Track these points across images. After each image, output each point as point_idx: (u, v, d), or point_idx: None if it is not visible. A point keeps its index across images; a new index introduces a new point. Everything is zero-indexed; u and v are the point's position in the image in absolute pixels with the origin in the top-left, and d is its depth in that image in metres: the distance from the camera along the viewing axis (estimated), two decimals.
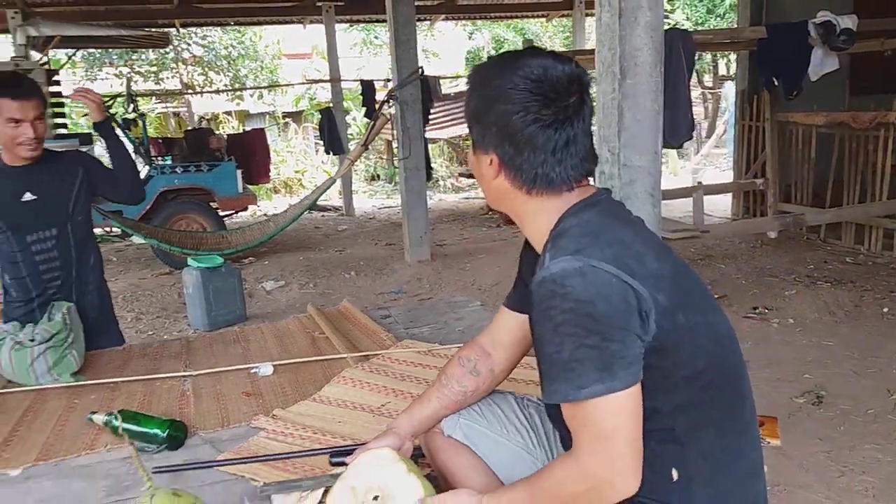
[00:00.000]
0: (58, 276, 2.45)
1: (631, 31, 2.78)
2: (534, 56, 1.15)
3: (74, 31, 7.31)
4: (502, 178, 1.18)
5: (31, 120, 2.27)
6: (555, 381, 1.06)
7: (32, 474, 1.63)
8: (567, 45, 15.93)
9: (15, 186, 2.36)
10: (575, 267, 1.03)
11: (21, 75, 2.53)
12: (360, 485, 1.25)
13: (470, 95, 1.20)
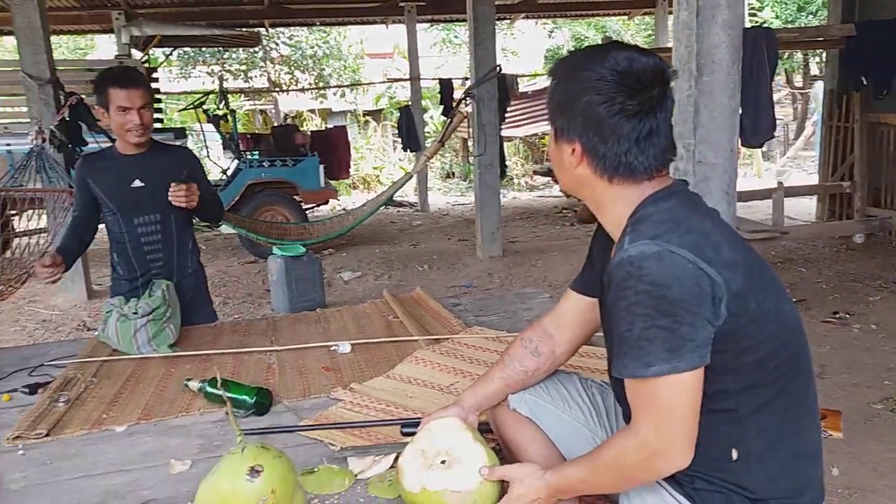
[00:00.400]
0: (160, 257, 2.66)
1: (708, 29, 2.78)
2: (618, 49, 1.18)
3: (173, 30, 7.73)
4: (585, 167, 1.21)
5: (137, 108, 2.48)
6: (624, 357, 1.12)
7: (135, 431, 1.80)
8: (649, 44, 15.62)
9: (126, 173, 2.57)
10: (653, 251, 1.07)
11: (129, 67, 2.74)
12: (428, 448, 1.35)
13: (554, 87, 1.23)
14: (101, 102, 2.52)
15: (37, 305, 6.26)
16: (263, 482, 1.19)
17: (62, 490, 1.51)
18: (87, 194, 2.62)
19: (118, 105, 2.47)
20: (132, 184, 2.57)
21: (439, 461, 1.32)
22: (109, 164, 2.61)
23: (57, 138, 5.29)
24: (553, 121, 1.25)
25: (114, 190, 2.58)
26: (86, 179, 2.60)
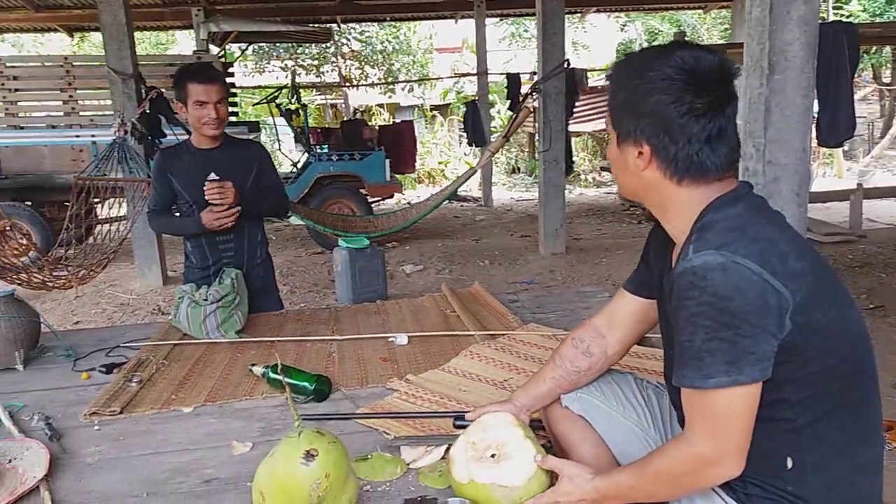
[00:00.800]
0: (231, 247, 2.77)
1: (782, 26, 2.70)
2: (682, 48, 1.16)
3: (249, 27, 7.97)
4: (653, 169, 1.18)
5: (213, 102, 2.59)
6: (684, 367, 1.11)
7: (201, 412, 1.89)
8: (725, 39, 15.16)
9: (202, 167, 2.67)
10: (718, 261, 1.05)
11: (206, 63, 2.86)
12: (479, 441, 1.37)
13: (616, 89, 1.21)
14: (179, 97, 2.64)
15: (116, 289, 6.57)
16: (318, 466, 1.24)
17: (132, 465, 1.61)
18: (167, 186, 2.73)
19: (196, 99, 2.58)
20: (208, 177, 2.66)
21: (489, 454, 1.35)
22: (186, 158, 2.73)
23: (138, 130, 5.54)
24: (616, 124, 1.23)
25: (191, 183, 2.69)
26: (166, 172, 2.72)
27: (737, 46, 6.18)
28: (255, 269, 2.85)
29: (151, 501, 1.44)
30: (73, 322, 5.52)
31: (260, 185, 2.81)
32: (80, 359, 2.33)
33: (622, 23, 17.70)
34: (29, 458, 1.59)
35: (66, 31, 11.11)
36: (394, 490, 1.45)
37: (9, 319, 2.20)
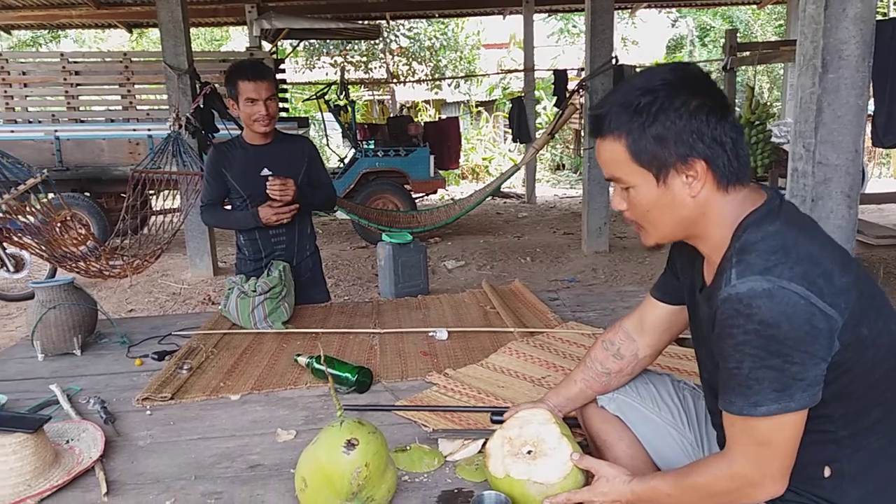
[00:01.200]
0: (283, 240, 2.84)
1: (837, 24, 2.65)
2: (655, 69, 1.17)
3: (300, 23, 8.09)
4: (709, 184, 1.14)
5: (263, 99, 2.65)
6: (731, 393, 1.09)
7: (248, 400, 1.96)
8: (780, 35, 14.78)
9: (255, 162, 2.75)
10: (763, 287, 1.02)
11: (257, 60, 2.91)
12: (516, 437, 1.39)
13: (640, 129, 1.13)
14: (230, 94, 2.71)
15: (168, 279, 6.78)
16: (358, 455, 1.28)
17: (182, 449, 1.67)
18: (221, 181, 2.80)
19: (247, 97, 2.65)
20: (261, 172, 2.74)
21: (525, 450, 1.37)
22: (239, 154, 2.79)
23: (192, 125, 5.69)
24: (647, 165, 1.14)
25: (244, 178, 2.76)
26: (220, 168, 2.78)
27: (790, 43, 6.05)
28: (304, 260, 2.92)
29: (199, 484, 1.50)
30: (126, 310, 5.72)
31: (310, 179, 2.87)
32: (133, 345, 2.43)
33: (673, 18, 17.39)
34: (85, 440, 1.67)
35: (125, 27, 11.46)
36: (431, 482, 1.49)
37: (69, 306, 2.31)
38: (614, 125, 1.15)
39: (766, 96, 15.06)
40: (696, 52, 17.04)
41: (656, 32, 17.89)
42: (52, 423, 1.63)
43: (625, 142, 1.14)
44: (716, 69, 14.87)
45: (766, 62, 7.42)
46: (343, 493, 1.28)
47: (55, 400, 1.93)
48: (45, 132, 7.38)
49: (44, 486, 1.46)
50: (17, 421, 1.51)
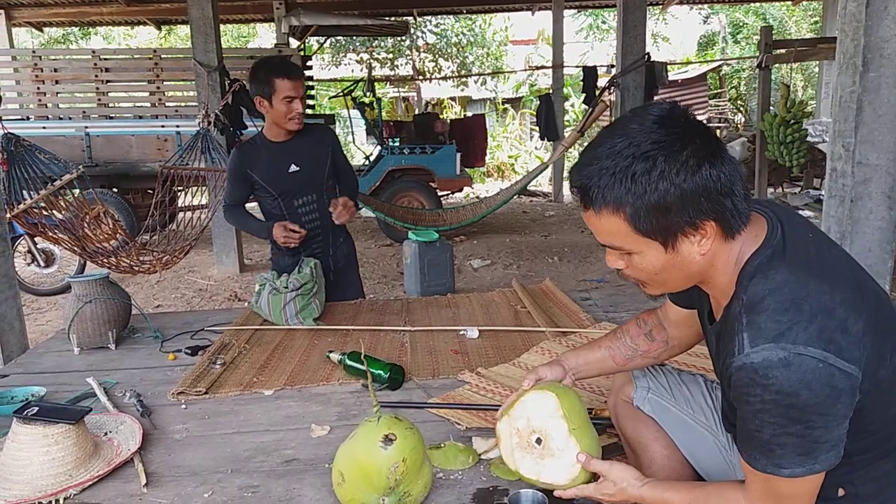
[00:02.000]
0: (319, 233, 2.83)
1: (878, 22, 2.59)
2: (658, 122, 1.05)
3: (328, 20, 8.12)
4: (718, 238, 1.08)
5: (300, 97, 2.63)
6: (753, 450, 1.06)
7: (281, 395, 1.97)
8: (815, 32, 14.54)
9: (281, 160, 2.72)
10: (779, 357, 0.97)
11: (285, 57, 2.88)
12: (524, 427, 1.35)
13: (640, 199, 1.04)
14: (261, 91, 2.61)
15: (195, 275, 6.85)
16: (396, 450, 1.28)
17: (217, 443, 1.69)
18: (244, 182, 2.75)
19: (285, 95, 2.59)
20: (289, 169, 2.72)
21: (534, 439, 1.32)
22: (264, 153, 2.73)
23: (220, 122, 5.74)
24: (655, 235, 1.07)
25: (273, 177, 2.73)
26: (245, 168, 2.72)
27: (827, 41, 5.93)
28: (339, 253, 2.90)
29: (235, 478, 1.51)
30: (154, 305, 5.79)
31: (335, 167, 2.85)
32: (166, 340, 2.46)
33: (705, 14, 17.19)
34: (123, 432, 1.69)
35: (154, 24, 11.61)
36: (466, 479, 1.48)
37: (104, 300, 2.34)
38: (608, 198, 1.05)
39: (801, 94, 14.84)
40: (728, 49, 16.84)
41: (688, 29, 17.69)
42: (91, 415, 1.65)
43: (623, 215, 1.05)
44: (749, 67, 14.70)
45: (802, 60, 7.28)
46: (380, 487, 1.29)
47: (92, 393, 1.96)
48: (75, 128, 7.50)
49: (84, 476, 1.48)
50: (59, 412, 1.53)
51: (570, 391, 1.38)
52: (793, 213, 1.20)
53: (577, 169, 1.10)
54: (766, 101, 6.48)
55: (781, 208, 1.18)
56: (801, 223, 1.16)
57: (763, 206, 1.16)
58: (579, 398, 1.37)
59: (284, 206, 2.76)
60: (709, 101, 14.62)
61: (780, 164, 6.48)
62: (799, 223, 1.15)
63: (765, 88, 6.41)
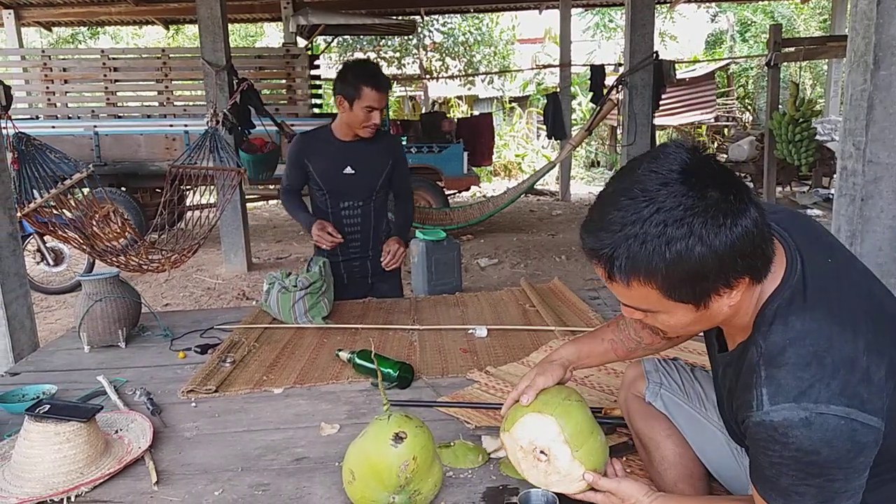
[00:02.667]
0: (357, 237, 2.83)
1: (890, 19, 2.58)
2: (684, 178, 0.97)
3: (335, 19, 8.13)
4: (747, 289, 1.03)
5: (380, 108, 2.61)
6: (770, 490, 1.03)
7: (291, 394, 1.97)
8: (824, 30, 14.47)
9: (340, 159, 2.71)
10: (800, 417, 0.95)
11: (378, 66, 2.74)
12: (526, 445, 1.31)
13: (673, 268, 0.96)
14: (345, 93, 2.57)
15: (203, 274, 6.87)
16: (406, 449, 1.28)
17: (228, 441, 1.69)
18: (301, 171, 2.77)
19: (368, 104, 2.56)
20: (344, 170, 2.71)
21: (539, 452, 1.30)
22: (325, 147, 2.73)
23: (228, 121, 5.75)
24: (688, 300, 1.01)
25: (327, 173, 2.73)
26: (302, 158, 2.75)
27: (837, 39, 5.91)
28: (377, 255, 2.89)
29: (246, 476, 1.52)
30: (163, 304, 5.82)
31: (390, 182, 2.84)
32: (176, 339, 2.46)
33: (713, 13, 17.12)
34: (134, 430, 1.70)
35: (162, 23, 11.64)
36: (476, 478, 1.48)
37: (114, 299, 2.35)
38: (640, 269, 0.97)
39: (809, 93, 14.76)
40: (736, 47, 16.77)
41: (696, 28, 17.63)
42: (101, 413, 1.66)
43: (655, 285, 0.99)
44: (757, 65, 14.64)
45: (811, 58, 7.26)
46: (390, 486, 1.29)
47: (102, 391, 1.97)
48: (84, 128, 7.53)
49: (96, 473, 1.48)
50: (70, 410, 1.54)
51: (571, 407, 1.31)
52: (809, 229, 1.15)
53: (595, 234, 1.00)
54: (775, 99, 6.46)
55: (797, 225, 1.14)
56: (819, 246, 1.12)
57: (780, 227, 1.11)
58: (582, 408, 1.32)
59: (331, 203, 2.78)
60: (716, 99, 14.56)
61: (788, 162, 6.46)
62: (817, 246, 1.11)
63: (773, 87, 6.38)
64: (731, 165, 9.81)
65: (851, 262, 1.14)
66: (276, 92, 8.02)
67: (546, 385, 1.37)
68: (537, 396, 1.34)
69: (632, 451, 1.57)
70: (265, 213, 10.94)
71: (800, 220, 1.18)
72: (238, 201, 6.62)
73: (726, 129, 14.14)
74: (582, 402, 1.33)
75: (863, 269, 1.15)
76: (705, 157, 1.01)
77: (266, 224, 9.91)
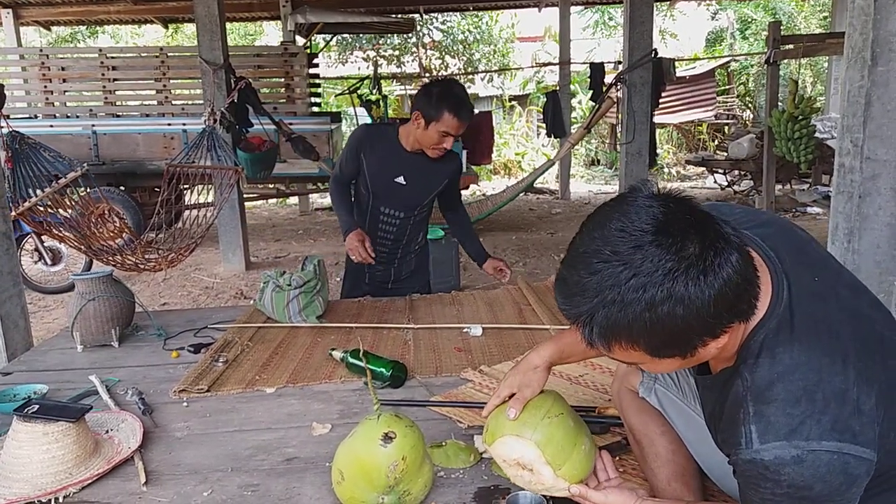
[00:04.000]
0: (387, 245, 2.81)
1: (887, 15, 2.56)
2: (658, 239, 0.91)
3: (334, 18, 8.11)
4: (734, 331, 1.00)
5: (456, 136, 2.52)
6: None
7: (283, 393, 1.96)
8: (824, 28, 14.45)
9: (395, 165, 2.65)
10: (791, 455, 0.93)
11: (466, 96, 2.57)
12: (511, 461, 1.28)
13: (655, 329, 0.93)
14: (425, 112, 2.49)
15: (201, 273, 6.86)
16: (395, 449, 1.26)
17: (219, 441, 1.68)
18: (355, 161, 2.68)
19: (445, 129, 2.47)
20: (396, 178, 2.66)
21: (523, 464, 1.27)
22: (385, 148, 2.65)
23: (226, 119, 5.74)
24: (674, 353, 0.99)
25: (378, 175, 2.67)
26: (360, 150, 2.66)
27: (836, 36, 5.89)
28: (404, 264, 2.91)
29: (236, 476, 1.51)
30: (160, 303, 5.81)
31: (440, 196, 2.82)
32: (170, 338, 2.45)
33: (713, 11, 17.08)
34: (124, 430, 1.69)
35: (161, 22, 11.63)
36: (467, 478, 1.47)
37: (108, 298, 2.33)
38: (621, 335, 0.95)
39: (810, 90, 14.74)
40: (736, 45, 16.74)
41: (695, 25, 17.58)
42: (92, 413, 1.65)
43: (638, 348, 0.97)
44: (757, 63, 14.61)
45: (811, 55, 7.24)
46: (380, 486, 1.27)
47: (94, 390, 1.96)
48: (82, 127, 7.52)
49: (84, 474, 1.47)
50: (59, 410, 1.53)
51: (551, 426, 1.26)
52: (796, 242, 1.13)
53: (570, 299, 0.97)
54: (774, 97, 6.45)
55: (783, 239, 1.11)
56: (806, 263, 1.09)
57: (766, 244, 1.08)
58: (562, 422, 1.27)
59: (372, 205, 2.75)
60: (717, 97, 14.54)
61: (788, 160, 6.44)
62: (804, 264, 1.08)
63: (773, 84, 6.37)
64: (731, 163, 9.81)
65: (839, 277, 1.11)
66: (275, 90, 8.01)
67: (532, 395, 1.32)
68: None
69: (625, 450, 1.56)
70: (264, 212, 10.94)
71: (786, 232, 1.15)
72: (236, 200, 6.60)
73: (727, 126, 14.11)
74: (563, 414, 1.29)
75: (851, 283, 1.12)
76: (677, 202, 0.96)
77: (265, 223, 9.90)
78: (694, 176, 12.62)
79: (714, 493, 1.40)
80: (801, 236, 1.17)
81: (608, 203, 1.01)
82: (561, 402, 1.33)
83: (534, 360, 1.40)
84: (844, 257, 2.75)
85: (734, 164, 9.74)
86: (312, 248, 7.87)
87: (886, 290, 2.72)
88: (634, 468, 1.49)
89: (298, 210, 10.74)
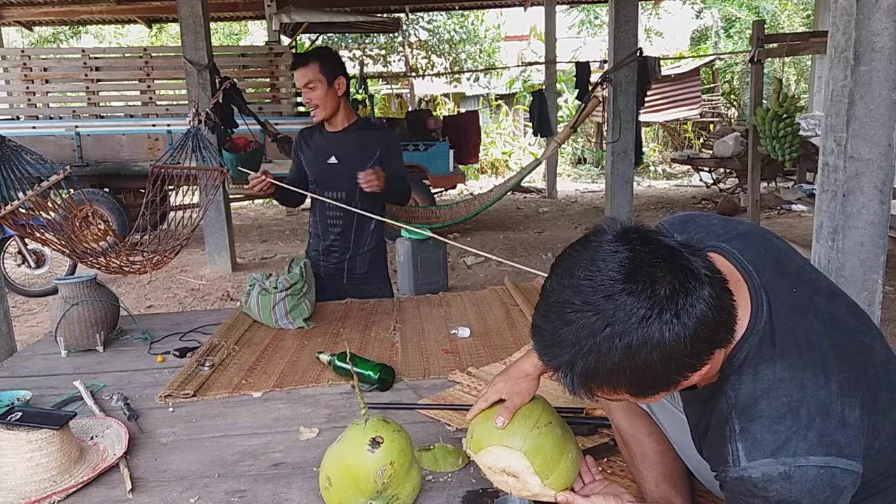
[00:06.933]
0: (338, 232, 2.92)
1: (869, 15, 2.58)
2: (627, 284, 0.91)
3: (319, 17, 8.09)
4: (719, 355, 1.01)
5: (303, 86, 2.73)
6: None
7: (270, 397, 1.94)
8: (808, 26, 14.56)
9: (325, 149, 2.86)
10: (779, 472, 0.94)
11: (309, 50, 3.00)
12: (495, 468, 1.28)
13: (635, 376, 0.94)
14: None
15: (187, 275, 6.81)
16: (383, 454, 1.26)
17: (205, 446, 1.66)
18: (297, 161, 2.95)
19: (300, 85, 2.75)
20: (328, 160, 2.83)
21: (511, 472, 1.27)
22: (316, 139, 2.90)
23: (211, 120, 5.69)
24: (658, 392, 1.00)
25: (313, 163, 2.88)
26: (297, 150, 2.94)
27: (819, 35, 5.94)
28: (360, 256, 2.95)
29: (223, 482, 1.49)
30: (146, 306, 5.76)
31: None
32: (155, 342, 2.43)
33: (698, 9, 17.18)
34: (109, 437, 1.67)
35: (145, 22, 11.54)
36: (455, 481, 1.46)
37: (92, 302, 2.31)
38: (602, 382, 0.95)
39: (794, 88, 14.85)
40: (721, 43, 16.84)
41: (680, 24, 17.68)
42: (76, 419, 1.63)
43: (621, 392, 0.98)
44: (742, 61, 14.70)
45: (794, 54, 7.29)
46: (367, 491, 1.27)
47: (79, 396, 1.94)
48: (65, 128, 7.45)
49: (69, 482, 1.45)
50: (42, 417, 1.51)
51: (540, 436, 1.25)
52: (772, 252, 1.13)
53: (547, 350, 0.97)
54: (759, 95, 6.48)
55: (758, 251, 1.11)
56: (783, 273, 1.09)
57: (743, 257, 1.08)
58: (550, 432, 1.26)
59: (318, 194, 2.88)
60: (702, 95, 14.62)
61: (772, 158, 6.48)
62: (781, 275, 1.08)
63: (757, 83, 6.40)
64: (716, 161, 9.87)
65: (815, 286, 1.12)
66: (260, 91, 7.97)
67: (522, 404, 1.31)
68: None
69: (613, 451, 1.56)
70: (250, 213, 10.88)
71: (763, 243, 1.15)
72: (222, 201, 6.56)
73: (711, 125, 14.20)
74: (552, 424, 1.28)
75: (827, 291, 1.12)
76: (643, 242, 0.96)
77: (251, 224, 9.85)
78: (679, 174, 12.67)
79: (702, 494, 1.40)
80: (779, 246, 1.17)
81: (574, 247, 1.00)
82: (549, 411, 1.32)
83: (525, 367, 1.37)
84: (829, 255, 2.78)
85: (719, 162, 9.80)
86: (299, 249, 7.84)
87: (870, 288, 2.74)
88: (622, 469, 1.49)
89: (285, 211, 10.69)
